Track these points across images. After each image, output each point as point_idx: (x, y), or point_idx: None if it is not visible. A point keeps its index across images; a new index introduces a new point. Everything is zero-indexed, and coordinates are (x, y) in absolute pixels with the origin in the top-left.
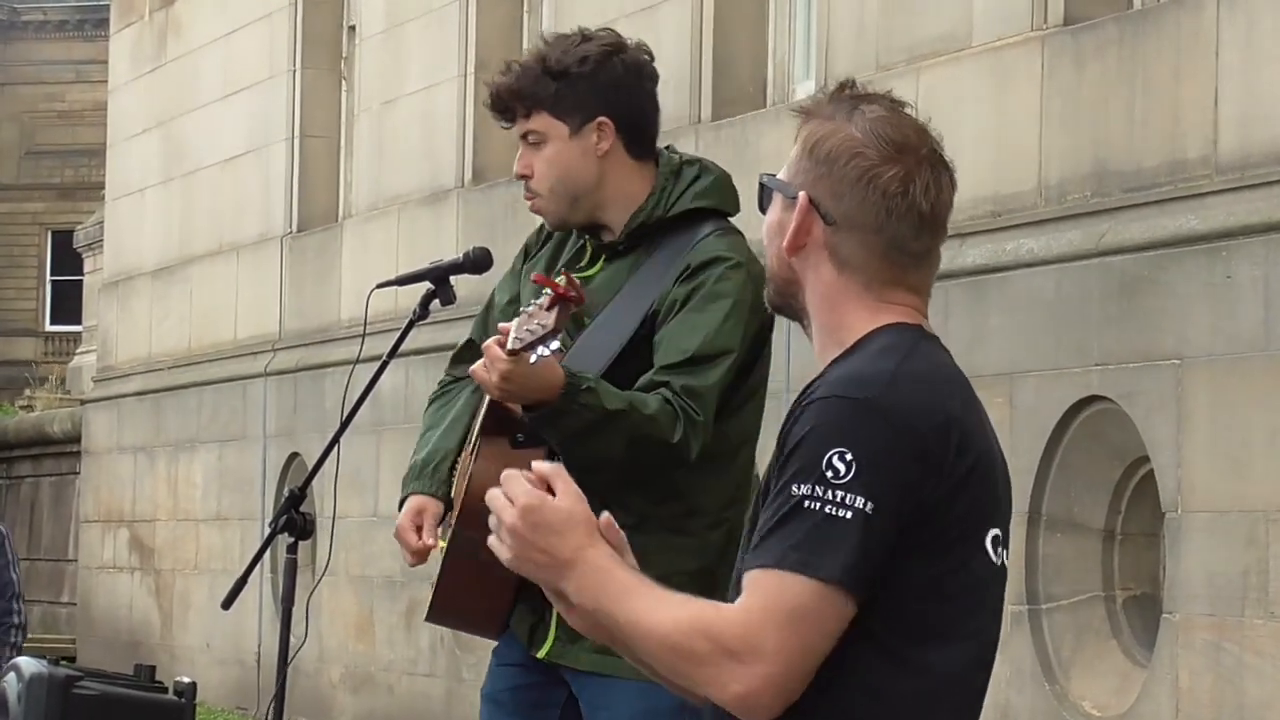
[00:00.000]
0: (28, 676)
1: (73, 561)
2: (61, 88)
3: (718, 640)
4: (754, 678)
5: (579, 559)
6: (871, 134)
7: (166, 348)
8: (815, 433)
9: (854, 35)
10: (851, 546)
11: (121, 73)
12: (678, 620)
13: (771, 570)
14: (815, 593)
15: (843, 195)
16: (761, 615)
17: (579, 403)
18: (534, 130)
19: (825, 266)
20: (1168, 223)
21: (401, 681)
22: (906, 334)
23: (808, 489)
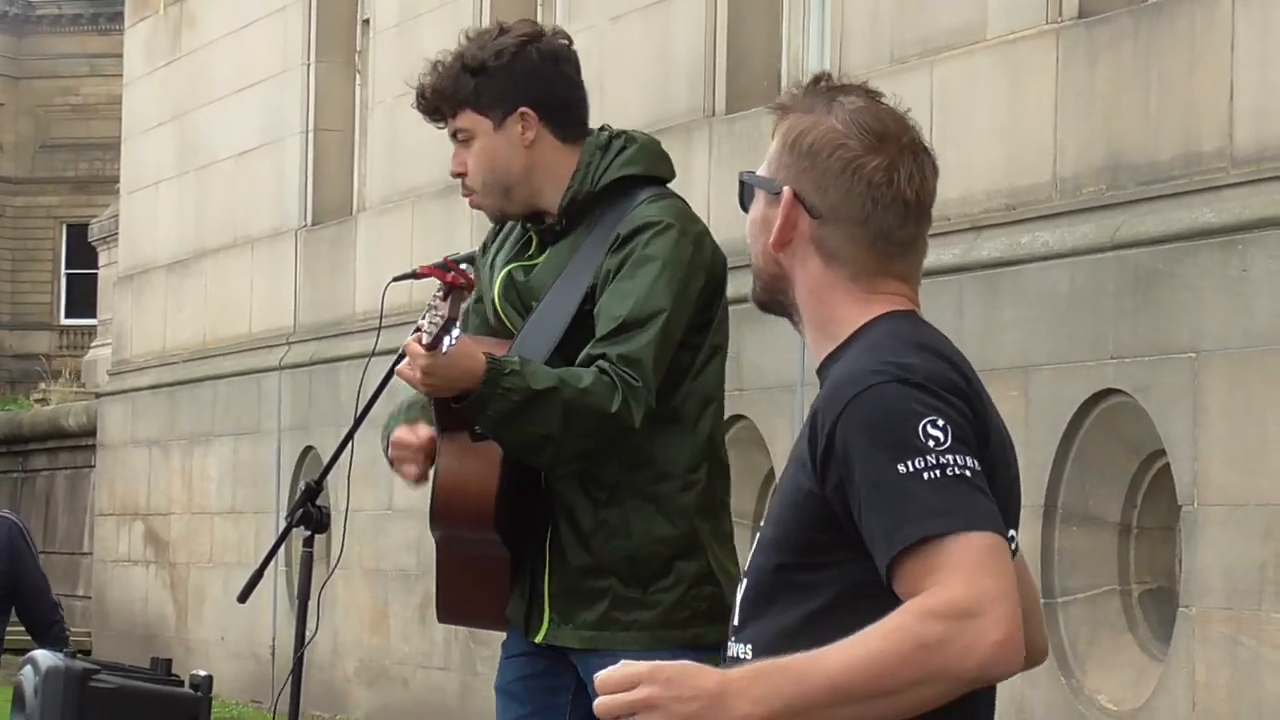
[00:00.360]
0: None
1: (88, 555)
2: (76, 81)
3: (946, 613)
4: (1002, 619)
5: (725, 681)
6: (853, 124)
7: (181, 341)
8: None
9: (868, 28)
10: (985, 495)
11: (136, 67)
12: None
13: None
14: (986, 542)
15: (827, 188)
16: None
17: (503, 386)
18: (461, 128)
19: (813, 260)
20: (1183, 216)
21: (416, 675)
22: (904, 319)
23: (916, 463)
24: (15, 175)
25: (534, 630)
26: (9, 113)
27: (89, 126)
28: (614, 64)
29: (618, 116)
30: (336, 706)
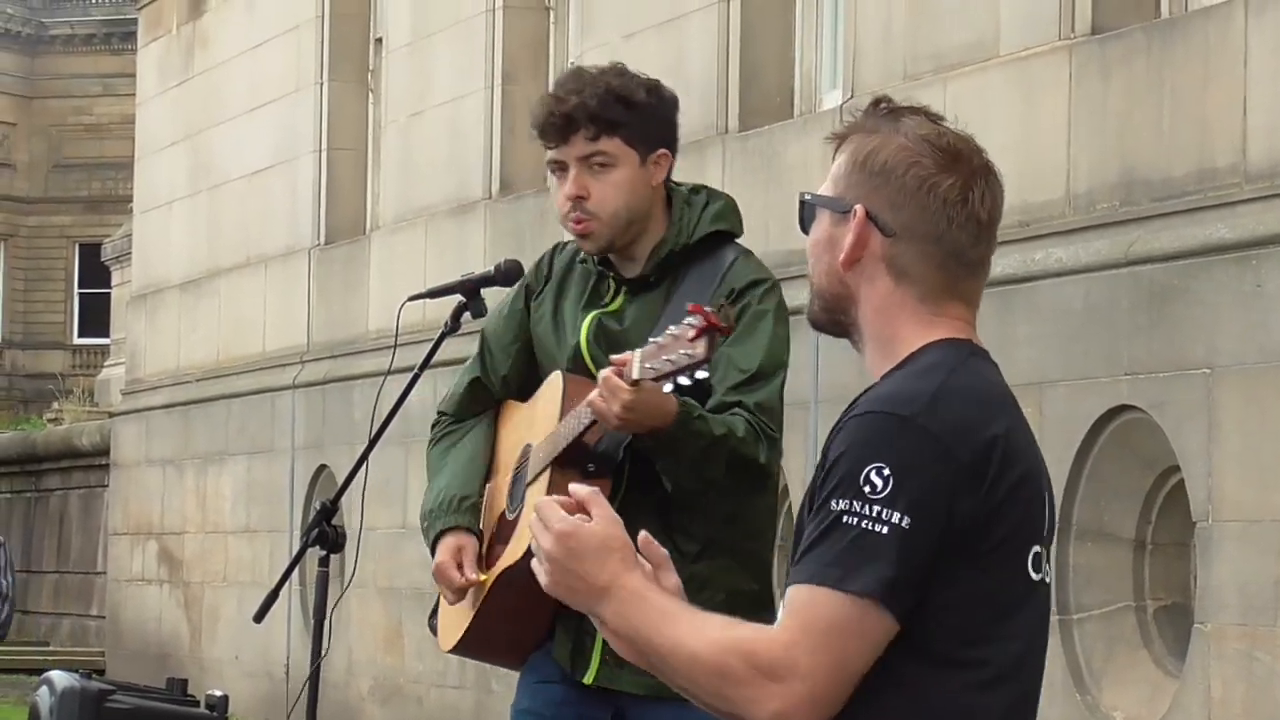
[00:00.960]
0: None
1: (102, 574)
2: (89, 101)
3: (754, 660)
4: (789, 695)
5: (614, 584)
6: (925, 143)
7: (195, 360)
8: (854, 448)
9: (881, 45)
10: (888, 561)
11: (149, 86)
12: (714, 642)
13: (807, 586)
14: (851, 608)
15: (902, 205)
16: (797, 633)
17: (692, 429)
18: (603, 153)
19: (882, 279)
20: (1197, 232)
21: (430, 693)
22: (956, 350)
23: (845, 504)
24: (29, 194)
25: (580, 671)
26: (22, 132)
27: (102, 146)
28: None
29: None
30: None
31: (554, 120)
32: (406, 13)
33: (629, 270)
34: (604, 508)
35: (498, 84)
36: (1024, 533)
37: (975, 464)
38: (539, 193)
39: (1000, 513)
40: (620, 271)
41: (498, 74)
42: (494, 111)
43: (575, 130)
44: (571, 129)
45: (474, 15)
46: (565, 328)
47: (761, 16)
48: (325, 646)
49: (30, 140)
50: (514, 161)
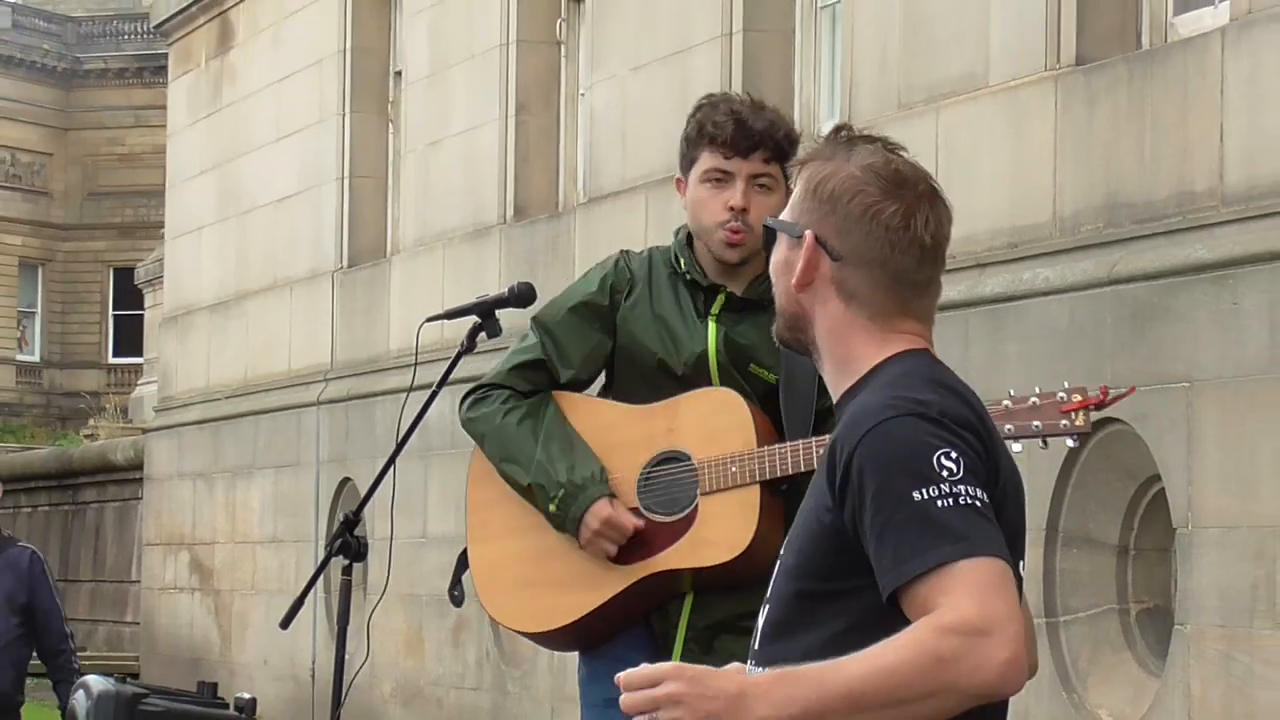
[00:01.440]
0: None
1: (136, 583)
2: (122, 132)
3: (961, 629)
4: (1007, 640)
5: (745, 684)
6: (871, 172)
7: (224, 378)
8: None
9: (876, 76)
10: (993, 526)
11: (179, 118)
12: (906, 645)
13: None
14: (991, 567)
15: (848, 231)
16: (973, 593)
17: None
18: (770, 175)
19: (833, 301)
20: (1177, 252)
21: (450, 695)
22: (920, 358)
23: (929, 491)
24: (65, 221)
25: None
26: (59, 162)
27: (135, 175)
28: (636, 112)
29: (640, 161)
30: None
31: (745, 134)
32: (425, 47)
33: (735, 287)
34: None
35: (512, 114)
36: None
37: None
38: (551, 218)
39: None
40: (730, 288)
41: (512, 105)
42: (508, 140)
43: (756, 149)
44: (754, 147)
45: (489, 49)
46: (676, 332)
47: (763, 50)
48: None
49: (66, 169)
50: (527, 188)
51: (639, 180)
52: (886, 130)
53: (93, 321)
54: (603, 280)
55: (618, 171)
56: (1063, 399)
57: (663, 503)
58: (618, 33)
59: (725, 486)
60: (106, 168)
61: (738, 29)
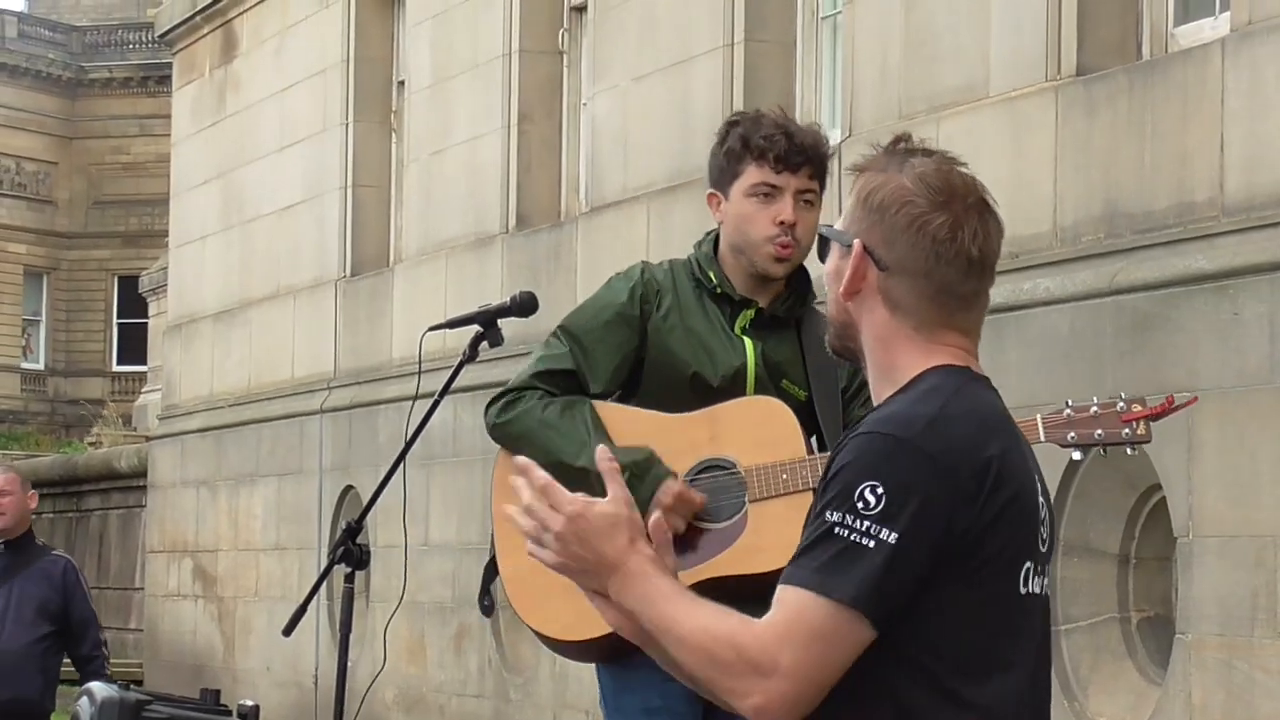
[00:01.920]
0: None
1: (139, 590)
2: (127, 141)
3: (742, 653)
4: (771, 691)
5: (622, 562)
6: (921, 183)
7: (227, 386)
8: (853, 465)
9: (877, 86)
10: (872, 574)
11: (183, 127)
12: (709, 629)
13: (796, 589)
14: (832, 613)
15: (894, 242)
16: (783, 632)
17: None
18: (813, 191)
19: (879, 310)
20: (1177, 262)
21: (452, 702)
22: (954, 376)
23: (839, 517)
24: (69, 230)
25: None
26: (64, 171)
27: (139, 184)
28: (637, 121)
29: (642, 171)
30: None
31: (796, 149)
32: (427, 57)
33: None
34: (619, 487)
35: (514, 124)
36: (1015, 549)
37: (969, 484)
38: (553, 227)
39: (993, 530)
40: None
41: (514, 115)
42: (510, 150)
43: (804, 165)
44: (803, 163)
45: (491, 59)
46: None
47: (764, 60)
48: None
49: (71, 178)
50: (530, 197)
51: (641, 190)
52: (887, 139)
53: (97, 329)
54: (631, 291)
55: (620, 181)
56: (1123, 409)
57: (709, 509)
58: (620, 43)
59: (776, 493)
60: (111, 176)
61: (739, 39)
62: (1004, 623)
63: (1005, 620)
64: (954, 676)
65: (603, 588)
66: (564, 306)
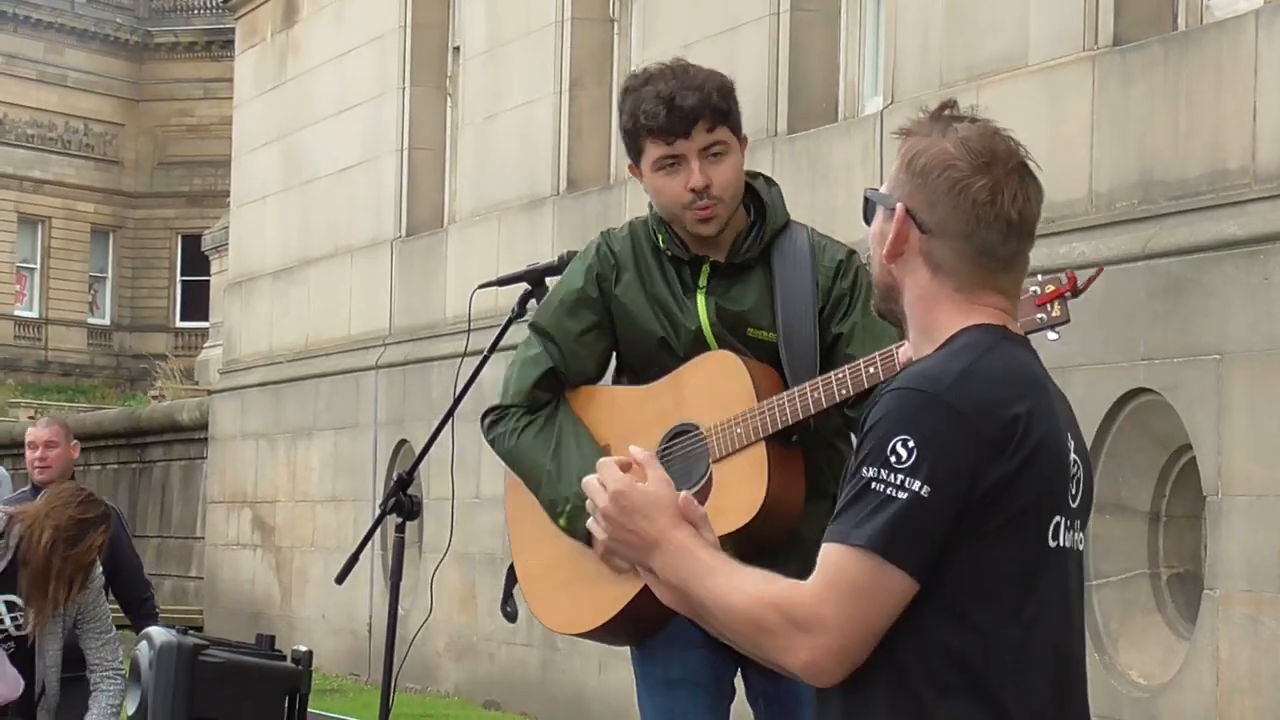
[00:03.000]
0: (159, 645)
1: (200, 539)
2: (191, 104)
3: (787, 613)
4: (818, 646)
5: (664, 539)
6: (963, 147)
7: (286, 343)
8: (885, 421)
9: (919, 55)
10: (904, 525)
11: (245, 90)
12: (753, 595)
13: (836, 545)
14: (874, 567)
15: (936, 204)
16: (824, 588)
17: None
18: (720, 142)
19: (921, 271)
20: (1209, 228)
21: (501, 650)
22: (989, 334)
23: (874, 472)
24: (135, 190)
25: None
26: (130, 133)
27: (203, 145)
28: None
29: None
30: (428, 679)
31: (680, 117)
32: (482, 23)
33: (716, 254)
34: (657, 470)
35: (566, 89)
36: (1044, 504)
37: (997, 439)
38: (603, 190)
39: (1020, 485)
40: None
41: (566, 80)
42: (562, 115)
43: (696, 124)
44: (694, 122)
45: (544, 26)
46: (671, 311)
47: (809, 29)
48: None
49: (137, 140)
50: (580, 160)
51: None
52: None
53: (161, 287)
54: (587, 272)
55: None
56: (1036, 292)
57: (679, 476)
58: (669, 11)
59: (734, 449)
60: (176, 138)
61: (785, 8)
62: (1030, 575)
63: (1031, 572)
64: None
65: (649, 565)
66: None
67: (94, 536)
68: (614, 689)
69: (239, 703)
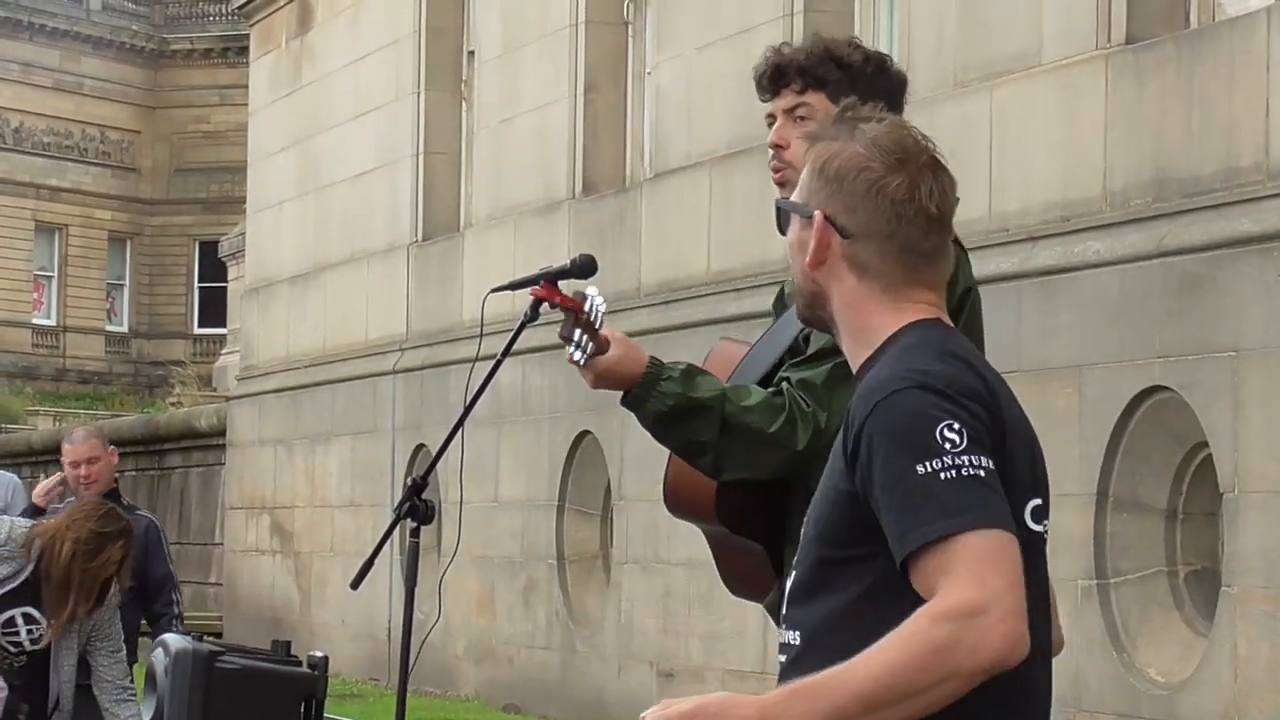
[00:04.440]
0: (174, 652)
1: (219, 545)
2: (207, 110)
3: (953, 614)
4: (1005, 615)
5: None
6: (874, 147)
7: (303, 348)
8: (904, 421)
9: (933, 54)
10: (996, 496)
11: (261, 96)
12: (901, 643)
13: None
14: (990, 539)
15: (855, 208)
16: (964, 574)
17: (658, 390)
18: (806, 104)
19: (847, 276)
20: (1223, 225)
21: (520, 654)
22: (931, 328)
23: (935, 464)
24: (152, 197)
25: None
26: (147, 140)
27: (219, 152)
28: (701, 88)
29: (705, 137)
30: (448, 683)
31: (774, 73)
32: (497, 27)
33: None
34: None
35: (580, 93)
36: (1021, 485)
37: (987, 421)
38: (618, 193)
39: (1009, 465)
40: None
41: (580, 83)
42: (577, 118)
43: (785, 84)
44: (782, 82)
45: (559, 29)
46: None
47: (823, 29)
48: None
49: (154, 147)
50: (595, 164)
51: (703, 156)
52: (943, 107)
53: (179, 293)
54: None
55: (683, 148)
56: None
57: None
58: (683, 13)
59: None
60: (192, 145)
61: (799, 9)
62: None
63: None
64: None
65: None
66: (629, 269)
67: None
68: (633, 691)
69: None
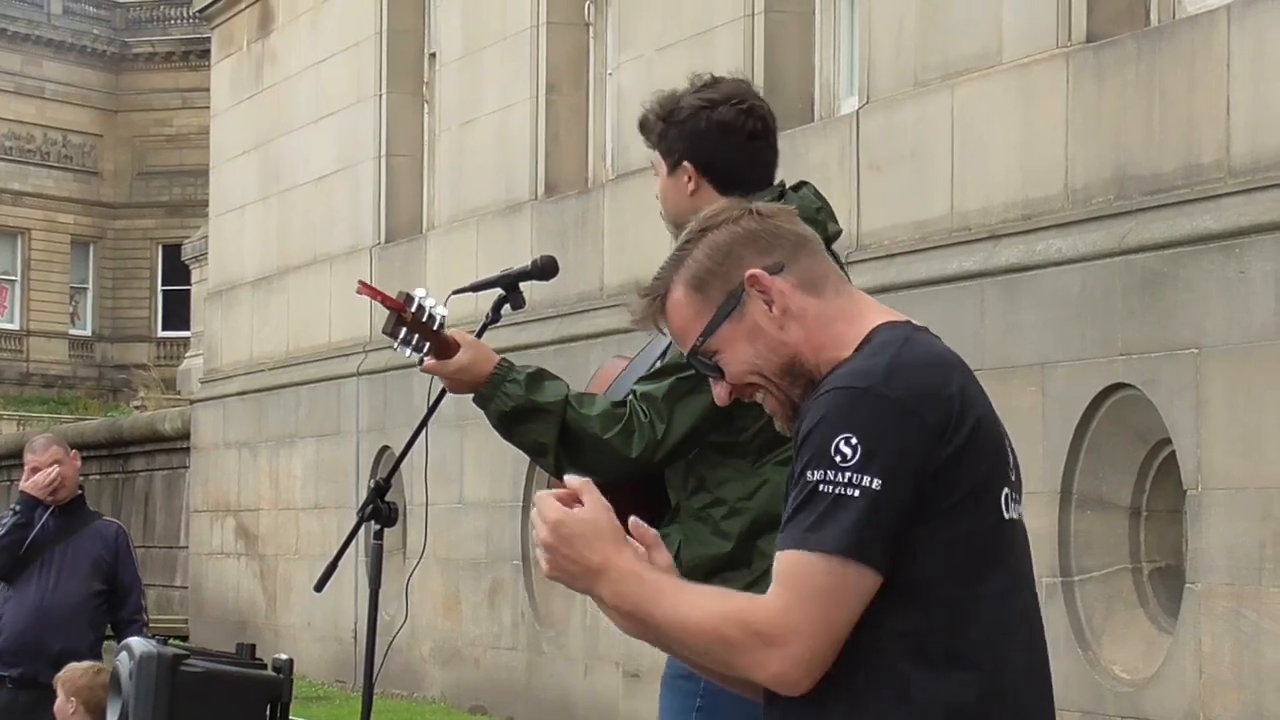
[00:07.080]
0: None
1: (184, 548)
2: (169, 114)
3: (751, 627)
4: (787, 657)
5: (607, 565)
6: (716, 210)
7: (267, 351)
8: (823, 423)
9: (893, 55)
10: (863, 521)
11: (222, 99)
12: (711, 613)
13: (791, 552)
14: (832, 568)
15: (769, 246)
16: (786, 598)
17: (502, 390)
18: (653, 161)
19: (804, 302)
20: (1185, 223)
21: (486, 655)
22: (900, 327)
23: (820, 474)
24: (115, 200)
25: None
26: (108, 143)
27: (182, 155)
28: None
29: None
30: (414, 685)
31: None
32: (458, 29)
33: None
34: (594, 494)
35: (542, 94)
36: (990, 478)
37: (937, 422)
38: (581, 194)
39: (966, 463)
40: None
41: (542, 85)
42: (539, 119)
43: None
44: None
45: (520, 31)
46: None
47: (784, 30)
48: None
49: (116, 150)
50: (558, 165)
51: None
52: (904, 107)
53: (142, 297)
54: None
55: (645, 149)
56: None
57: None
58: (644, 15)
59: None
60: (154, 148)
61: (759, 10)
62: (991, 551)
63: (993, 545)
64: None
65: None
66: (591, 270)
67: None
68: (600, 692)
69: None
